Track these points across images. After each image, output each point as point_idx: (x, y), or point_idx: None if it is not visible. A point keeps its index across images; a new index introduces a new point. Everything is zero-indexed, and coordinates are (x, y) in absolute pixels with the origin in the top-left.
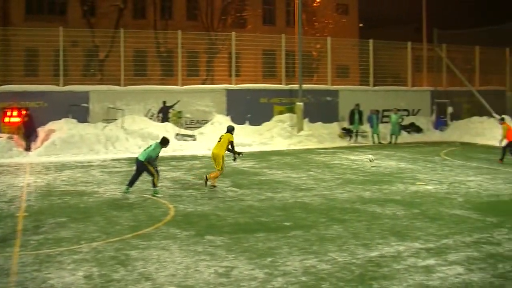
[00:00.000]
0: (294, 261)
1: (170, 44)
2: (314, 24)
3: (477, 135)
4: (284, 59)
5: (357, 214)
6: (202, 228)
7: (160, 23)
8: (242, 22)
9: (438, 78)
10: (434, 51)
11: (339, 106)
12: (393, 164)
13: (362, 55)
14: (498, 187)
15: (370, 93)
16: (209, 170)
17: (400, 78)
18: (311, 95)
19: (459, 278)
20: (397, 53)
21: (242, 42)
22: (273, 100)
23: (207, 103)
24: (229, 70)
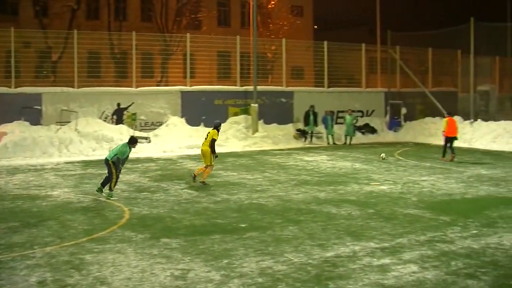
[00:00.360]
0: (250, 263)
1: (124, 45)
2: (269, 25)
3: (430, 135)
4: (239, 60)
5: (313, 215)
6: (157, 231)
7: (114, 24)
8: (197, 24)
9: (392, 79)
10: (388, 53)
11: (294, 107)
12: (348, 164)
13: (316, 57)
14: (450, 187)
15: (324, 94)
16: (164, 173)
17: (355, 80)
18: (266, 96)
19: (414, 276)
20: (351, 55)
21: (197, 44)
22: (228, 101)
23: (162, 104)
24: (183, 72)
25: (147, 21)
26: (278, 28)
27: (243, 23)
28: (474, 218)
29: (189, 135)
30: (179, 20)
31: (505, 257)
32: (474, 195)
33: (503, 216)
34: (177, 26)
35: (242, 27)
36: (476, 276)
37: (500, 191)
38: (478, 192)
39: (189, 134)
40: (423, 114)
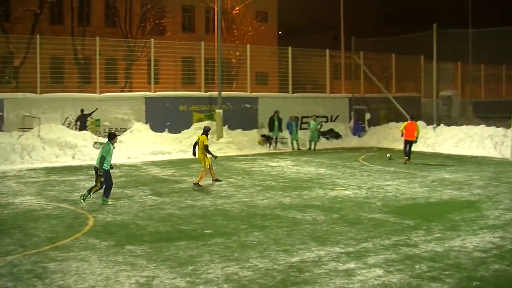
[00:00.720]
0: (215, 269)
1: (88, 51)
2: (233, 31)
3: (394, 140)
4: (203, 66)
5: (278, 220)
6: (122, 238)
7: (77, 30)
8: (161, 29)
9: (356, 85)
10: (352, 59)
11: (258, 113)
12: (313, 170)
13: (281, 63)
14: (414, 191)
15: (289, 100)
16: (129, 179)
17: (319, 85)
18: (231, 102)
19: (379, 280)
20: (315, 61)
21: (161, 49)
22: (193, 107)
23: (126, 110)
24: (148, 78)
25: (111, 26)
26: (242, 34)
27: (208, 28)
28: (437, 221)
29: (154, 141)
30: (143, 25)
31: (468, 259)
32: (438, 199)
33: (465, 220)
34: (141, 32)
35: (207, 33)
36: (440, 279)
37: (463, 195)
38: (441, 196)
39: (153, 140)
40: (387, 119)
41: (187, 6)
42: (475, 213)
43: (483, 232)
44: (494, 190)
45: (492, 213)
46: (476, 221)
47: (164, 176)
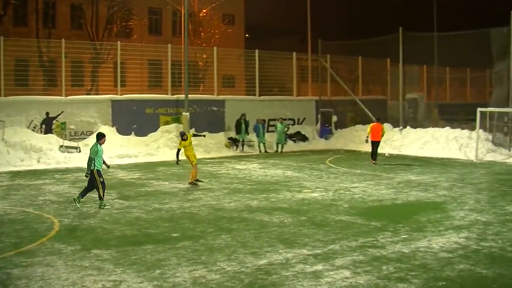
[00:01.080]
0: (183, 272)
1: (53, 53)
2: (200, 34)
3: (361, 142)
4: (170, 69)
5: (245, 223)
6: (88, 242)
7: (42, 32)
8: (127, 32)
9: (323, 87)
10: (319, 62)
11: (225, 116)
12: (280, 172)
13: (248, 65)
14: (381, 193)
15: (256, 102)
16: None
17: (286, 88)
18: (198, 105)
19: (346, 281)
20: (282, 63)
21: (128, 52)
22: (159, 110)
23: (92, 114)
24: (114, 80)
25: (77, 28)
26: (209, 37)
27: (175, 31)
28: (404, 223)
29: (120, 145)
30: (109, 28)
31: (434, 260)
32: (404, 201)
33: (431, 220)
34: (108, 34)
35: (174, 36)
36: (407, 280)
37: (429, 196)
38: (407, 197)
39: (120, 143)
40: (354, 121)
41: (154, 9)
42: (441, 214)
43: (448, 232)
44: (459, 191)
45: (457, 214)
46: (442, 222)
47: (130, 180)
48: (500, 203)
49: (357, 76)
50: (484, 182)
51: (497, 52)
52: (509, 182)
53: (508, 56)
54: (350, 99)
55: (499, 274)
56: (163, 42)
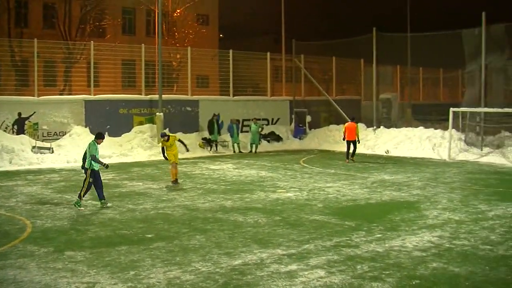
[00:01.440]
0: (157, 273)
1: (25, 53)
2: (174, 34)
3: (335, 142)
4: (143, 69)
5: (220, 224)
6: (61, 244)
7: (14, 31)
8: (101, 32)
9: (297, 88)
10: (293, 62)
11: (199, 116)
12: (254, 173)
13: (222, 65)
14: (355, 192)
15: (230, 103)
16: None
17: (260, 88)
18: (171, 105)
19: (321, 281)
20: (256, 64)
21: (101, 52)
22: (133, 110)
23: (65, 114)
24: (87, 80)
25: (50, 28)
26: (183, 37)
27: (148, 31)
28: (378, 222)
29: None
30: (82, 27)
31: (408, 258)
32: (378, 200)
33: (405, 220)
34: (81, 34)
35: (147, 36)
36: (381, 279)
37: (403, 196)
38: (381, 197)
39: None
40: (328, 121)
41: (128, 9)
42: (414, 213)
43: (422, 231)
44: (432, 190)
45: (430, 213)
46: (415, 221)
47: (104, 181)
48: (473, 202)
49: (331, 76)
50: (457, 181)
51: (469, 52)
52: (481, 181)
53: (480, 57)
54: (324, 99)
55: (471, 272)
56: (136, 42)
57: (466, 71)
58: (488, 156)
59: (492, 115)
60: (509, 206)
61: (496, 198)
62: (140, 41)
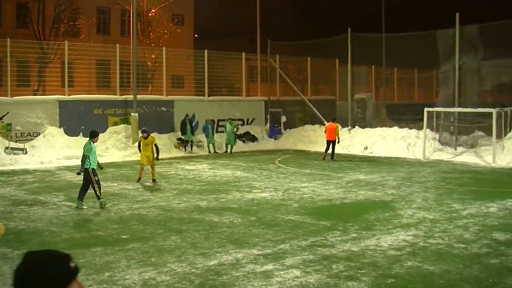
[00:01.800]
0: (133, 274)
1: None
2: (149, 34)
3: (310, 142)
4: (118, 69)
5: (195, 224)
6: (35, 246)
7: None
8: (75, 31)
9: (272, 88)
10: (268, 62)
11: (174, 116)
12: (229, 173)
13: (197, 66)
14: (330, 192)
15: (205, 103)
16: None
17: (235, 88)
18: (146, 105)
19: (296, 281)
20: (231, 64)
21: (76, 52)
22: (108, 111)
23: (39, 114)
24: (61, 81)
25: (23, 27)
26: (158, 37)
27: (123, 31)
28: (353, 222)
29: (68, 146)
30: (56, 27)
31: (383, 257)
32: (353, 200)
33: (380, 219)
34: (55, 33)
35: (122, 35)
36: (357, 278)
37: (377, 195)
38: (356, 196)
39: (67, 144)
40: (303, 121)
41: (102, 8)
42: (389, 212)
43: (397, 230)
44: (407, 190)
45: (405, 212)
46: (390, 220)
47: (79, 181)
48: (447, 201)
49: (306, 77)
50: (431, 181)
51: (443, 53)
52: (455, 180)
53: (454, 57)
54: (299, 99)
55: (446, 270)
56: (111, 42)
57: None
58: (462, 155)
59: (466, 115)
60: (482, 204)
61: (470, 197)
62: (115, 41)
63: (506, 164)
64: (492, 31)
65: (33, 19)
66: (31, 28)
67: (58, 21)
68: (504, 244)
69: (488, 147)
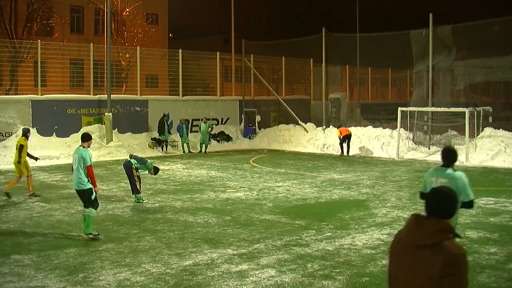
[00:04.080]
0: (107, 275)
1: None
2: (123, 33)
3: (285, 142)
4: (92, 68)
5: (169, 224)
6: (7, 247)
7: None
8: (48, 30)
9: (246, 87)
10: (243, 61)
11: (148, 116)
12: (204, 172)
13: (171, 65)
14: (305, 191)
15: (179, 102)
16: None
17: (210, 88)
18: (120, 105)
19: (272, 280)
20: (206, 63)
21: (49, 51)
22: (81, 110)
23: (11, 114)
24: (34, 80)
25: None
26: (132, 36)
27: (97, 30)
28: (328, 221)
29: (41, 146)
30: (29, 25)
31: (357, 256)
32: (328, 199)
33: (355, 218)
34: (27, 32)
35: (96, 35)
36: (332, 277)
37: (352, 194)
38: (331, 196)
39: (40, 144)
40: (277, 121)
41: (76, 7)
42: (363, 211)
43: (371, 229)
44: (381, 189)
45: (380, 211)
46: (365, 219)
47: (52, 182)
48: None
49: (280, 76)
50: (405, 180)
51: (417, 53)
52: None
53: (427, 57)
54: (274, 99)
55: None
56: (85, 41)
57: (414, 71)
58: (436, 154)
59: (439, 114)
60: None
61: None
62: (89, 40)
63: (478, 163)
64: (465, 31)
65: (5, 18)
66: (3, 27)
67: (31, 20)
68: (476, 241)
69: (461, 146)
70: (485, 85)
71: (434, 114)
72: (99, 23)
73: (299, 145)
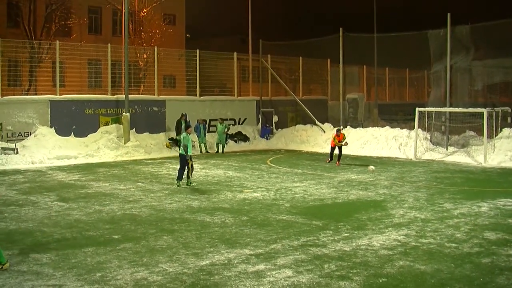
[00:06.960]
0: (124, 275)
1: None
2: (141, 33)
3: (302, 142)
4: (110, 69)
5: (187, 224)
6: (26, 246)
7: None
8: (66, 31)
9: (264, 88)
10: (260, 62)
11: (166, 116)
12: (221, 173)
13: (188, 65)
14: (322, 192)
15: (197, 103)
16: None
17: (227, 88)
18: (138, 105)
19: (288, 281)
20: (223, 63)
21: (67, 51)
22: (99, 110)
23: (30, 114)
24: (53, 80)
25: (14, 27)
26: (150, 36)
27: (115, 31)
28: (345, 221)
29: (59, 146)
30: (48, 26)
31: (374, 257)
32: (345, 199)
33: (372, 219)
34: (46, 33)
35: (114, 35)
36: (348, 277)
37: (369, 195)
38: (348, 196)
39: (59, 144)
40: (294, 121)
41: (94, 8)
42: (381, 212)
43: (388, 230)
44: (399, 189)
45: (397, 212)
46: (382, 220)
47: (70, 181)
48: (438, 200)
49: (297, 76)
50: (423, 180)
51: (434, 53)
52: (447, 180)
53: (445, 57)
54: (291, 99)
55: (437, 270)
56: (102, 42)
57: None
58: (454, 155)
59: (457, 114)
60: (473, 204)
61: (461, 196)
62: (107, 41)
63: (497, 164)
64: (483, 31)
65: (24, 19)
66: (22, 28)
67: (50, 21)
68: (495, 243)
69: (479, 147)
70: (503, 85)
71: (452, 115)
72: (116, 24)
73: (316, 146)
